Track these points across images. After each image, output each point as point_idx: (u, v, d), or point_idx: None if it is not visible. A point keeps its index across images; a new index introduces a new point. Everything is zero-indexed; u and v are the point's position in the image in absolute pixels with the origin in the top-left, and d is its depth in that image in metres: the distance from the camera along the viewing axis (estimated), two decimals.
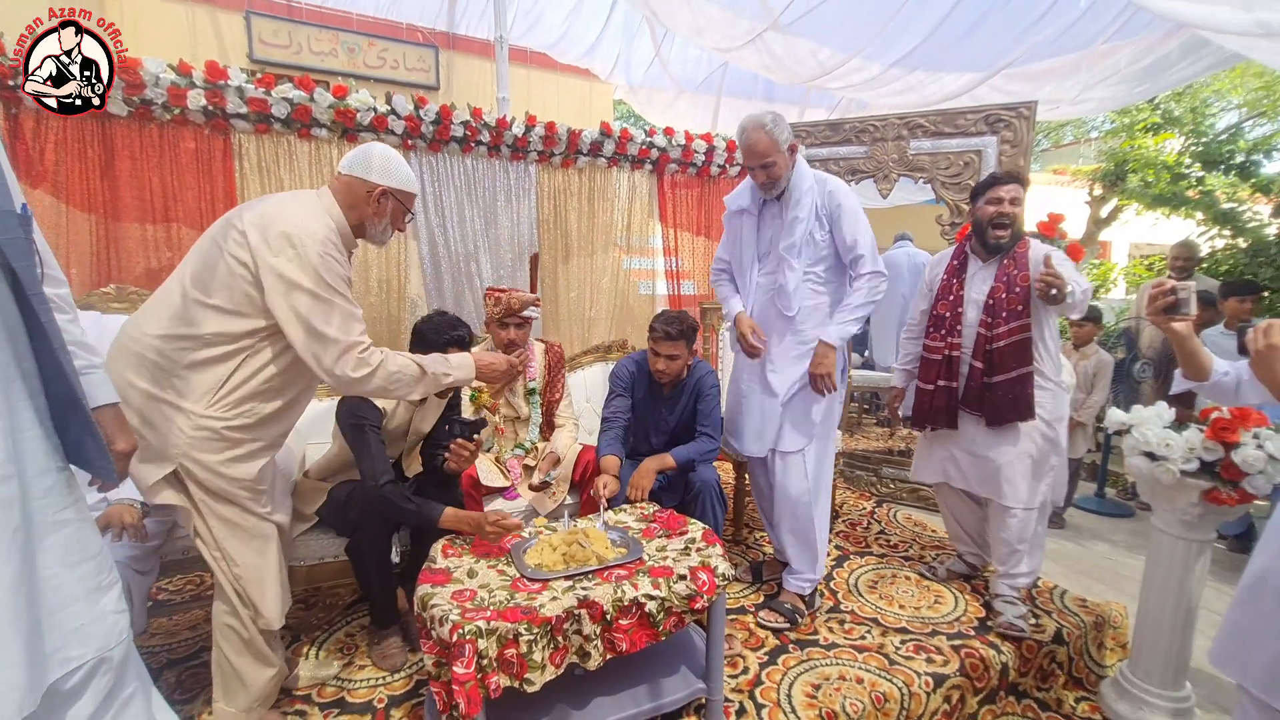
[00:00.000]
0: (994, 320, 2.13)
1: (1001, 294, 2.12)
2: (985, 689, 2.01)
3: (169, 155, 2.57)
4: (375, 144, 1.63)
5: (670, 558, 1.69)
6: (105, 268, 2.50)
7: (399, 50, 5.51)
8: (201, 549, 1.50)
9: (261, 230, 1.40)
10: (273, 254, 1.38)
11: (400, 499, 1.79)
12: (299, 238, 1.40)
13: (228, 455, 1.44)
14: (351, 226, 1.56)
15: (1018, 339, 2.10)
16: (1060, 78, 4.33)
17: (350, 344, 1.43)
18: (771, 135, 2.01)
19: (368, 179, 1.54)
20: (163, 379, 1.40)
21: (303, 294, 1.39)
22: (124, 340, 1.43)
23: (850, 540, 2.92)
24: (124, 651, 1.08)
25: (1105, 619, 2.30)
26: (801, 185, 2.10)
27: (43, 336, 0.93)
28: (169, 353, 1.40)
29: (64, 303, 1.07)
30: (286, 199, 1.52)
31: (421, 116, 2.89)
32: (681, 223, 3.77)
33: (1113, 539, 3.51)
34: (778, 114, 2.06)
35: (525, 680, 1.39)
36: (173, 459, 1.40)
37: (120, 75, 2.37)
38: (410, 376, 1.53)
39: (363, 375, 1.45)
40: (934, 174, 3.59)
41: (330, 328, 1.41)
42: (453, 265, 3.16)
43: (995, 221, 2.13)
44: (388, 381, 1.49)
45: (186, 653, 2.01)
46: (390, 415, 2.01)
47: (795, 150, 2.10)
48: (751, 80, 5.72)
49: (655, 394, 2.47)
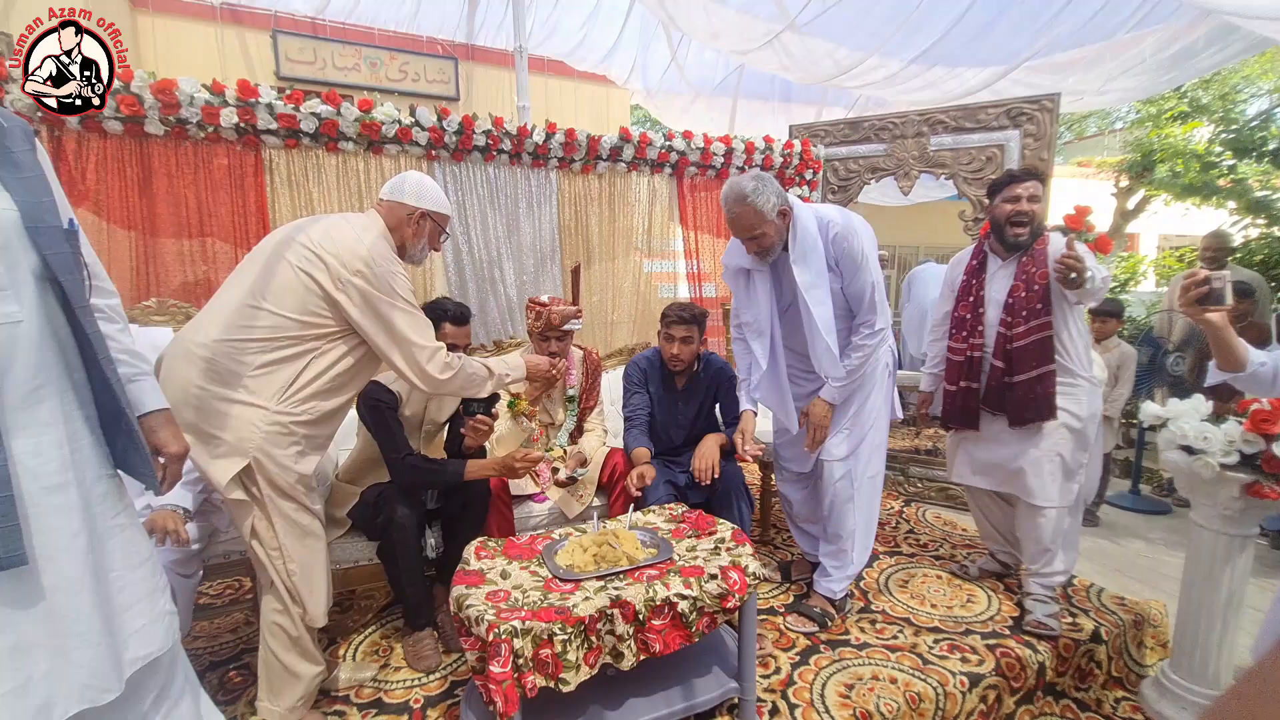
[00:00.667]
0: (1013, 319, 2.10)
1: (1021, 293, 2.09)
2: (1022, 689, 1.98)
3: (203, 172, 2.65)
4: (411, 172, 1.77)
5: (701, 557, 1.69)
6: (145, 282, 2.59)
7: (420, 63, 5.61)
8: (256, 547, 1.55)
9: (337, 255, 1.54)
10: (353, 275, 1.54)
11: (423, 463, 1.94)
12: (375, 259, 1.56)
13: (295, 450, 1.54)
14: (397, 246, 1.68)
15: (1037, 338, 2.06)
16: (1084, 69, 4.26)
17: (436, 348, 1.63)
18: (755, 206, 1.85)
19: (407, 203, 1.68)
20: (232, 380, 1.48)
21: (392, 309, 1.57)
22: (186, 347, 1.50)
23: (879, 540, 2.89)
24: (174, 652, 1.12)
25: (1145, 617, 2.26)
26: (805, 243, 1.92)
27: (89, 348, 0.96)
28: (235, 355, 1.48)
29: (114, 313, 1.11)
30: (346, 223, 1.63)
31: (445, 127, 2.94)
32: (702, 225, 3.77)
33: (1149, 536, 3.43)
34: (763, 177, 1.89)
35: (560, 680, 1.41)
36: (247, 454, 1.48)
37: (156, 96, 2.46)
38: (482, 377, 1.75)
39: (448, 376, 1.64)
40: (956, 170, 3.56)
41: (419, 336, 1.61)
42: (476, 272, 3.21)
43: (1013, 220, 2.10)
44: (466, 381, 1.70)
45: (228, 655, 2.07)
46: (405, 401, 2.08)
47: (788, 214, 1.93)
48: (768, 81, 5.72)
49: (670, 388, 2.50)
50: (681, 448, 2.50)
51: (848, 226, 1.95)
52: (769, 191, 1.87)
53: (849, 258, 1.95)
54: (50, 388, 0.92)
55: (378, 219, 1.67)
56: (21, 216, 0.90)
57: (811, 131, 3.94)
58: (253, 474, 1.49)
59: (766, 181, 1.88)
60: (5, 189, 0.90)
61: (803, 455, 2.25)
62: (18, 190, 0.91)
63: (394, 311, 1.57)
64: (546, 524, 2.30)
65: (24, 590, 0.86)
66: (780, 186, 1.93)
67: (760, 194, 1.85)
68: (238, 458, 1.48)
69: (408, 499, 1.93)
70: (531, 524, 2.28)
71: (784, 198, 1.92)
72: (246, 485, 1.51)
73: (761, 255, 1.97)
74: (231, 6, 4.99)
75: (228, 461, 1.48)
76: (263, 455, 1.49)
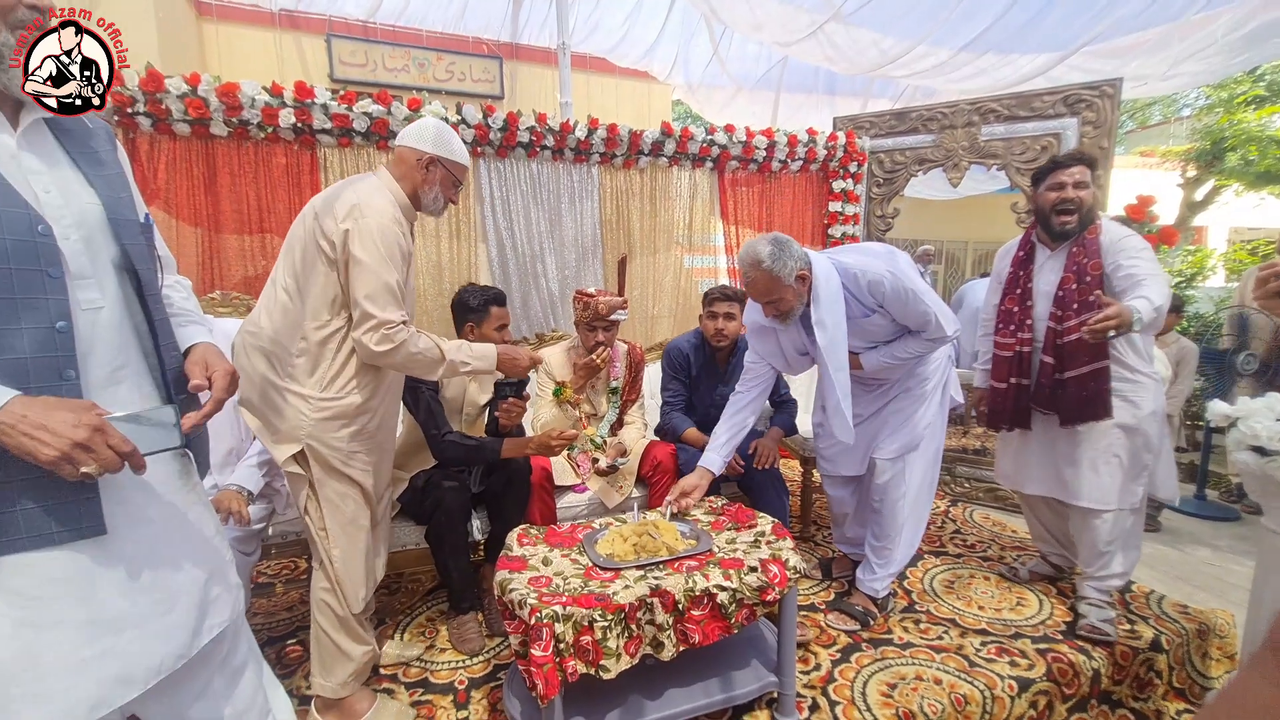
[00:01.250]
0: (1064, 313, 2.01)
1: (1072, 284, 2.00)
2: (1075, 696, 1.91)
3: (263, 171, 2.77)
4: (428, 117, 1.74)
5: (740, 550, 1.69)
6: (210, 276, 2.72)
7: (465, 63, 5.72)
8: (309, 525, 1.63)
9: (329, 205, 1.53)
10: (339, 223, 1.50)
11: (462, 440, 2.02)
12: (362, 207, 1.51)
13: (347, 431, 1.58)
14: (409, 196, 1.66)
15: None
16: (1148, 52, 4.05)
17: (381, 320, 1.50)
18: (772, 273, 1.79)
19: (417, 148, 1.64)
20: (283, 368, 1.55)
21: (355, 264, 1.49)
22: (246, 338, 1.59)
23: (925, 540, 2.82)
24: (238, 624, 1.18)
25: (1210, 627, 2.15)
26: (826, 306, 1.82)
27: (157, 335, 1.02)
28: (282, 343, 1.55)
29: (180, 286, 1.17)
30: (348, 181, 1.64)
31: (490, 124, 3.00)
32: (743, 219, 3.74)
33: (1215, 544, 3.25)
34: (781, 241, 1.81)
35: (601, 667, 1.43)
36: (300, 440, 1.55)
37: (221, 99, 2.58)
38: (430, 359, 1.58)
39: (385, 350, 1.51)
40: (1008, 160, 3.44)
41: (369, 301, 1.49)
42: (520, 266, 3.26)
43: (1059, 208, 2.02)
44: (408, 360, 1.55)
45: (285, 631, 2.16)
46: (446, 384, 2.13)
47: (807, 278, 1.85)
48: (812, 74, 5.63)
49: (711, 370, 2.58)
50: None
51: (877, 272, 1.84)
52: (786, 256, 1.79)
53: (894, 300, 1.86)
54: (129, 369, 0.98)
55: (385, 173, 1.65)
56: (105, 210, 0.97)
57: (856, 123, 3.87)
58: (305, 458, 1.57)
59: (784, 245, 1.81)
60: (91, 185, 0.97)
61: (847, 459, 2.22)
62: (102, 186, 0.98)
63: (359, 268, 1.49)
64: (587, 514, 2.33)
65: (105, 561, 0.91)
66: (800, 249, 1.85)
67: (777, 259, 1.78)
68: (293, 443, 1.56)
69: (454, 485, 1.99)
70: (572, 514, 2.31)
71: (803, 260, 1.83)
72: (301, 464, 1.58)
73: (780, 319, 1.92)
74: (289, 12, 5.18)
75: (285, 446, 1.56)
76: (314, 441, 1.56)
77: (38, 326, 0.86)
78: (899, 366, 2.05)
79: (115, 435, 0.85)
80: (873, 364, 2.04)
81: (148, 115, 2.53)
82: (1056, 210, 2.03)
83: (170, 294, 1.12)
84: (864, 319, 1.93)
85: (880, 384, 2.15)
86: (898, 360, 2.01)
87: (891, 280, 1.83)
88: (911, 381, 2.09)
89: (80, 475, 0.83)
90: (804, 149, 3.69)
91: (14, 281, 0.84)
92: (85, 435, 0.82)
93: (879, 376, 2.12)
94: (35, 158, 0.91)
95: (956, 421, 4.94)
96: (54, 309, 0.88)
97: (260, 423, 1.60)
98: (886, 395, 2.14)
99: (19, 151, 0.89)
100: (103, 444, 0.84)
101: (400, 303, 1.55)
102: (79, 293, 0.91)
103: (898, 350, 1.99)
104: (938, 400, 2.10)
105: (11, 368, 0.84)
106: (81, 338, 0.91)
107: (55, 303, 0.88)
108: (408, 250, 1.60)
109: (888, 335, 2.00)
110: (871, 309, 1.91)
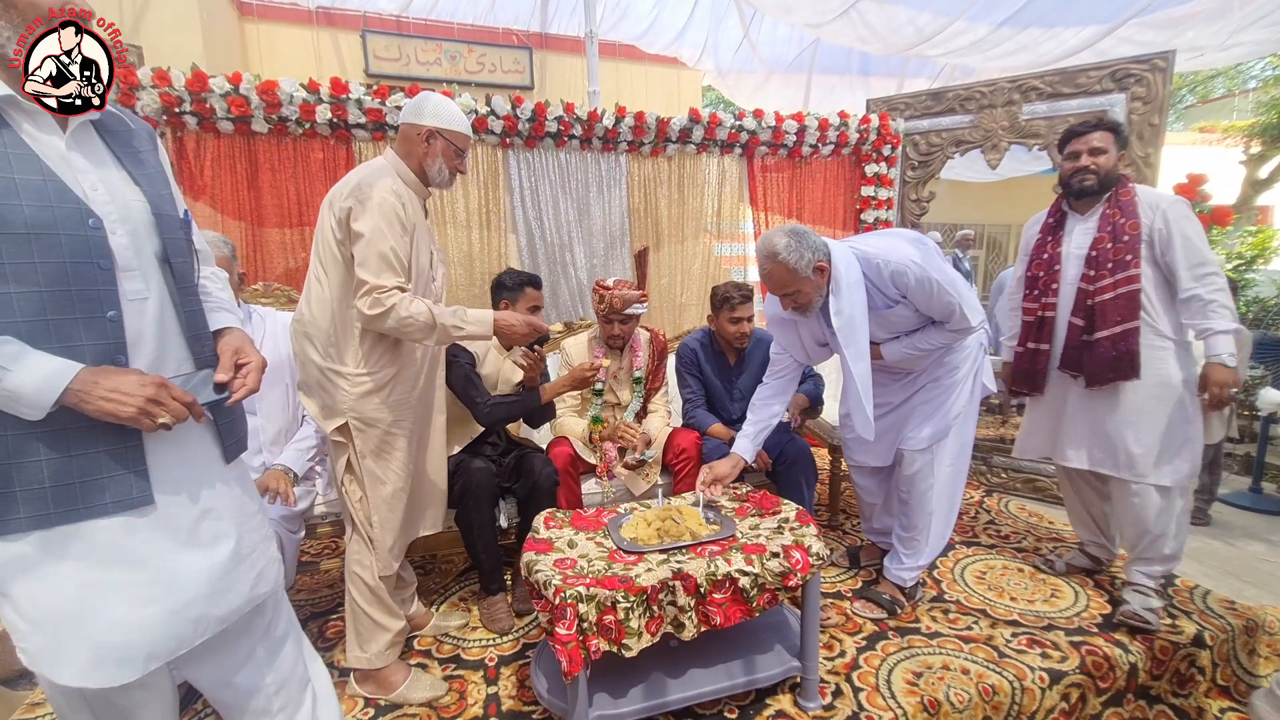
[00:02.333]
0: (1097, 273, 1.99)
1: (1106, 244, 1.98)
2: (1110, 690, 1.87)
3: (301, 165, 2.86)
4: (428, 92, 1.78)
5: (764, 535, 1.70)
6: (254, 268, 2.84)
7: (496, 54, 5.78)
8: (345, 495, 1.72)
9: (339, 191, 1.62)
10: (344, 203, 1.58)
11: (504, 400, 2.17)
12: (364, 184, 1.59)
13: (385, 403, 1.68)
14: (415, 173, 1.72)
15: (1125, 291, 1.94)
16: (1204, 22, 3.83)
17: (373, 285, 1.55)
18: (789, 264, 1.75)
19: (418, 122, 1.68)
20: (324, 351, 1.66)
21: (355, 237, 1.57)
22: (295, 326, 1.72)
23: (957, 530, 2.77)
24: (278, 596, 1.25)
25: (1259, 624, 2.07)
26: (846, 298, 1.77)
27: (190, 325, 1.08)
28: (322, 327, 1.66)
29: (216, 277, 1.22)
30: (359, 168, 1.72)
31: (518, 115, 3.04)
32: (773, 206, 3.70)
33: (1270, 539, 3.11)
34: (798, 232, 1.78)
35: (623, 645, 1.46)
36: (344, 414, 1.66)
37: (261, 96, 2.68)
38: (422, 323, 1.59)
39: (376, 314, 1.55)
40: (1051, 140, 3.31)
41: (362, 268, 1.55)
42: (549, 256, 3.30)
43: (1075, 177, 2.04)
44: (400, 324, 1.57)
45: (326, 607, 2.26)
46: (481, 360, 2.23)
47: (826, 269, 1.79)
48: (845, 55, 5.50)
49: (724, 366, 2.60)
50: (739, 421, 2.55)
51: (901, 261, 1.79)
52: (803, 247, 1.75)
53: (917, 291, 1.81)
54: (170, 356, 1.05)
55: (390, 155, 1.72)
56: (150, 206, 1.03)
57: (890, 105, 3.77)
58: (348, 430, 1.67)
59: (801, 236, 1.77)
60: (135, 183, 1.03)
61: (874, 450, 2.21)
62: (145, 184, 1.04)
63: (359, 239, 1.55)
64: (613, 501, 2.36)
65: (154, 529, 0.99)
66: (818, 239, 1.79)
67: (793, 250, 1.74)
68: (337, 417, 1.67)
69: (482, 465, 2.05)
70: (598, 500, 2.35)
71: (821, 251, 1.78)
72: (345, 435, 1.69)
73: (799, 311, 1.87)
74: (325, 10, 5.31)
75: (333, 420, 1.68)
76: (356, 416, 1.66)
77: (91, 316, 0.93)
78: (922, 358, 2.01)
79: (176, 389, 0.96)
80: (894, 355, 2.01)
81: (194, 114, 2.64)
82: (1072, 177, 2.06)
83: (208, 284, 1.18)
84: (886, 310, 1.90)
85: (908, 373, 2.12)
86: (920, 351, 1.97)
87: (916, 270, 1.78)
88: (940, 370, 2.05)
89: (158, 426, 0.94)
90: (835, 133, 3.62)
91: (69, 273, 0.91)
92: (153, 392, 0.92)
93: (902, 367, 2.09)
94: (83, 157, 0.97)
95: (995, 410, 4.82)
96: (105, 299, 0.94)
97: (317, 405, 1.71)
98: (915, 384, 2.11)
99: (68, 152, 0.95)
100: (169, 398, 0.94)
101: (397, 270, 1.59)
102: (125, 284, 0.97)
103: (920, 341, 1.96)
104: (969, 389, 2.05)
105: (72, 354, 0.91)
106: (129, 326, 0.97)
107: (106, 293, 0.94)
108: (409, 221, 1.64)
109: (911, 326, 1.97)
110: (895, 300, 1.87)
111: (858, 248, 1.87)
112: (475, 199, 3.14)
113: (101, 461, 0.94)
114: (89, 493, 0.93)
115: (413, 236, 1.65)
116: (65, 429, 0.91)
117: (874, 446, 2.19)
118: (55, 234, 0.90)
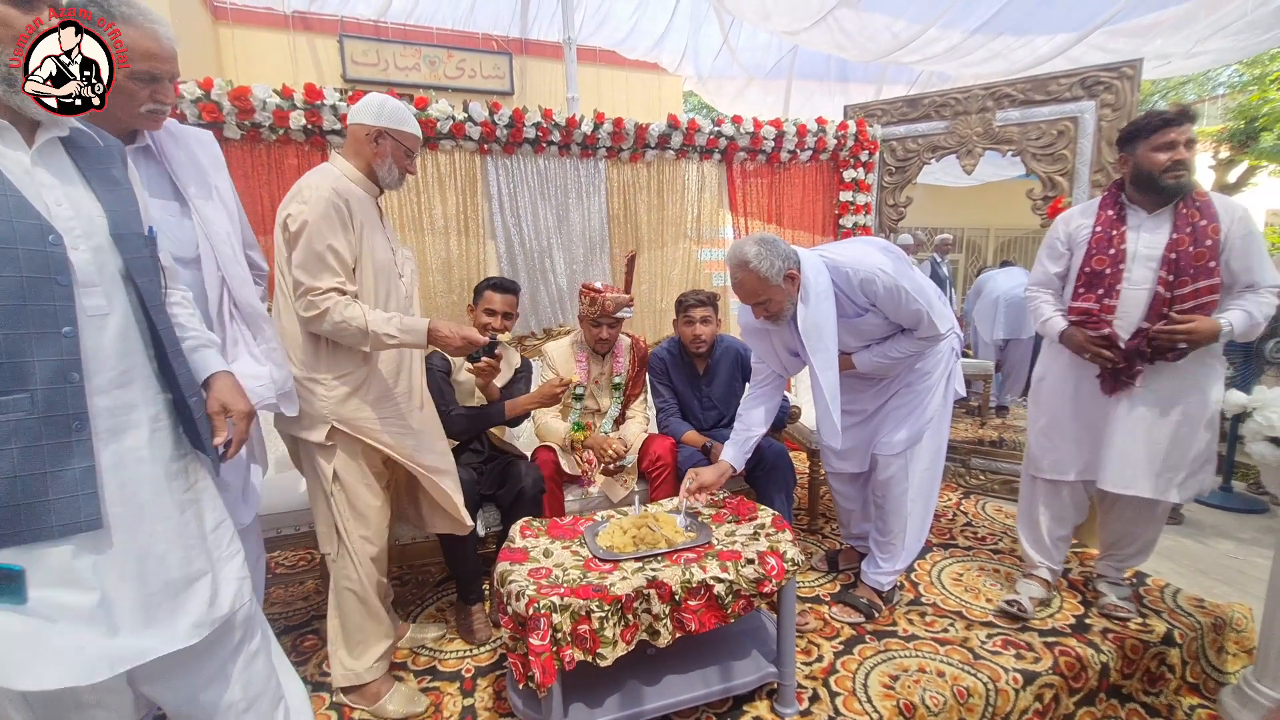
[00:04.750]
0: (1177, 278, 1.82)
1: (1187, 246, 1.81)
2: (1083, 689, 1.89)
3: (275, 173, 2.82)
4: (374, 92, 1.76)
5: (739, 542, 1.70)
6: None
7: (475, 60, 5.75)
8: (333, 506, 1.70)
9: (285, 200, 1.63)
10: (285, 209, 1.60)
11: (468, 412, 2.18)
12: (302, 189, 1.59)
13: (366, 401, 1.68)
14: (364, 174, 1.69)
15: (1206, 300, 1.81)
16: (1171, 30, 3.92)
17: (308, 287, 1.55)
18: (759, 273, 1.75)
19: (364, 123, 1.66)
20: (302, 361, 1.65)
21: (293, 239, 1.57)
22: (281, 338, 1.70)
23: (934, 532, 2.80)
24: (249, 611, 1.23)
25: (1226, 621, 2.11)
26: (814, 307, 1.79)
27: (162, 343, 1.06)
28: (293, 336, 1.65)
29: (186, 302, 1.23)
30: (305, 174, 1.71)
31: (496, 121, 3.02)
32: (752, 211, 3.72)
33: (1239, 536, 3.17)
34: (768, 240, 1.78)
35: (598, 654, 1.45)
36: (327, 420, 1.64)
37: (233, 102, 2.64)
38: (356, 329, 1.56)
39: (310, 316, 1.56)
40: (1024, 146, 3.37)
41: (299, 269, 1.56)
42: (528, 262, 3.29)
43: (1169, 170, 1.83)
44: (335, 329, 1.56)
45: (300, 620, 2.23)
46: (458, 369, 2.25)
47: (796, 278, 1.80)
48: (824, 61, 5.55)
49: (692, 374, 2.63)
50: (710, 430, 2.61)
51: (869, 269, 1.81)
52: (773, 255, 1.75)
53: (886, 299, 1.83)
54: (135, 374, 1.03)
55: (335, 158, 1.70)
56: (110, 224, 1.01)
57: (867, 111, 3.81)
58: (335, 434, 1.66)
59: (771, 244, 1.77)
60: (99, 200, 1.02)
61: (849, 456, 2.23)
62: (109, 201, 1.03)
63: (295, 239, 1.56)
64: (594, 508, 2.35)
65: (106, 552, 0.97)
66: (788, 247, 1.80)
67: (764, 259, 1.75)
68: (321, 425, 1.65)
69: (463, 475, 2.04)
70: (578, 507, 2.34)
71: (792, 259, 1.79)
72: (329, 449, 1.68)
73: (771, 320, 1.87)
74: (302, 14, 5.25)
75: (318, 429, 1.65)
76: (337, 420, 1.65)
77: (45, 331, 0.91)
78: (893, 365, 2.03)
79: None
80: (865, 364, 2.02)
81: None
82: (1167, 172, 1.85)
83: (177, 311, 1.17)
84: (857, 318, 1.91)
85: (881, 379, 2.14)
86: (890, 360, 1.99)
87: (884, 278, 1.79)
88: (913, 376, 2.06)
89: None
90: (813, 138, 3.65)
91: (25, 288, 0.90)
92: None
93: (873, 375, 2.11)
94: (48, 173, 0.96)
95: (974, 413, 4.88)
96: (61, 314, 0.93)
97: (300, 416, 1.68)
98: (888, 391, 2.12)
99: (33, 167, 0.94)
100: None
101: (336, 270, 1.57)
102: (85, 300, 0.96)
103: (890, 349, 1.98)
104: (941, 393, 2.07)
105: (20, 370, 0.89)
106: (88, 343, 0.96)
107: (63, 309, 0.93)
108: (354, 220, 1.61)
109: (881, 334, 1.98)
110: (864, 308, 1.89)
111: (827, 256, 1.88)
112: (453, 206, 3.12)
113: (48, 483, 0.91)
114: (35, 516, 0.91)
115: (360, 235, 1.63)
116: (11, 450, 0.89)
117: (849, 453, 2.20)
118: (13, 249, 0.89)
